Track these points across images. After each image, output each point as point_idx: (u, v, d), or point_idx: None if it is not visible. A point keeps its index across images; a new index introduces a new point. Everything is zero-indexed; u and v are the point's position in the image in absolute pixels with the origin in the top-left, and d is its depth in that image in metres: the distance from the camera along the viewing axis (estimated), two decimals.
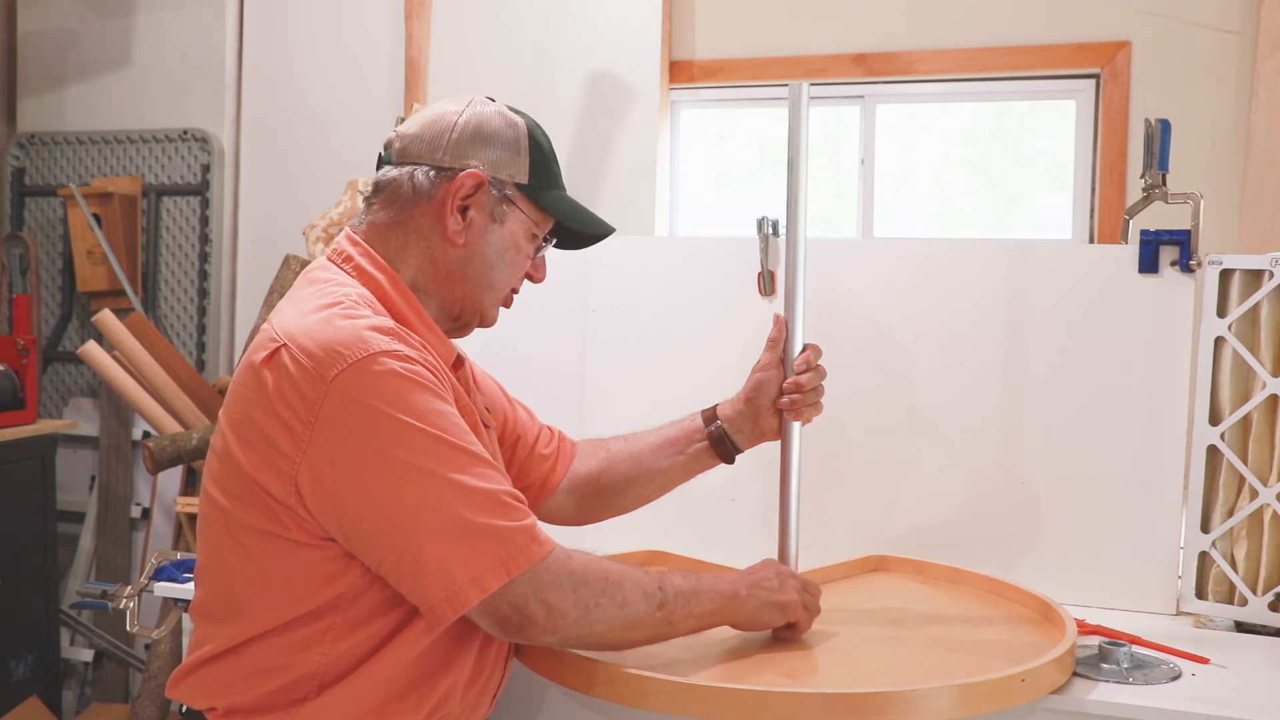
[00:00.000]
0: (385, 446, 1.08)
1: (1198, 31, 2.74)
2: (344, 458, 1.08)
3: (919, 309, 1.77)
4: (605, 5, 3.06)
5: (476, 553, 1.08)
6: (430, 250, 1.25)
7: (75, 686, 3.30)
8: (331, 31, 3.28)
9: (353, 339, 1.10)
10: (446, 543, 1.08)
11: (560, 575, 1.13)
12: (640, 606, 1.19)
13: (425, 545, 1.08)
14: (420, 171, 1.25)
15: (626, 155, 3.04)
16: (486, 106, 1.29)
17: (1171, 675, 1.35)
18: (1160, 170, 1.67)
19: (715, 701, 1.16)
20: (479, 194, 1.25)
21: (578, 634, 1.16)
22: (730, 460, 1.50)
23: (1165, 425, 1.64)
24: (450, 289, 1.27)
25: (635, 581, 1.20)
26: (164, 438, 2.69)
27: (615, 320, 1.92)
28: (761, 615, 1.30)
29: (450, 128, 1.25)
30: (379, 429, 1.08)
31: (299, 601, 1.13)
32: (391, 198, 1.26)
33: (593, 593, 1.15)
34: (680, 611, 1.22)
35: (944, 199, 3.11)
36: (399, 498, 1.08)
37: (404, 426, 1.08)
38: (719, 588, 1.27)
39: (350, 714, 1.13)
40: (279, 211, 3.30)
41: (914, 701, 1.15)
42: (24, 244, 3.36)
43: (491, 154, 1.25)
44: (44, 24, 3.52)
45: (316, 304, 1.16)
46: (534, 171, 1.28)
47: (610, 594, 1.16)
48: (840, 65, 3.00)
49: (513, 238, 1.28)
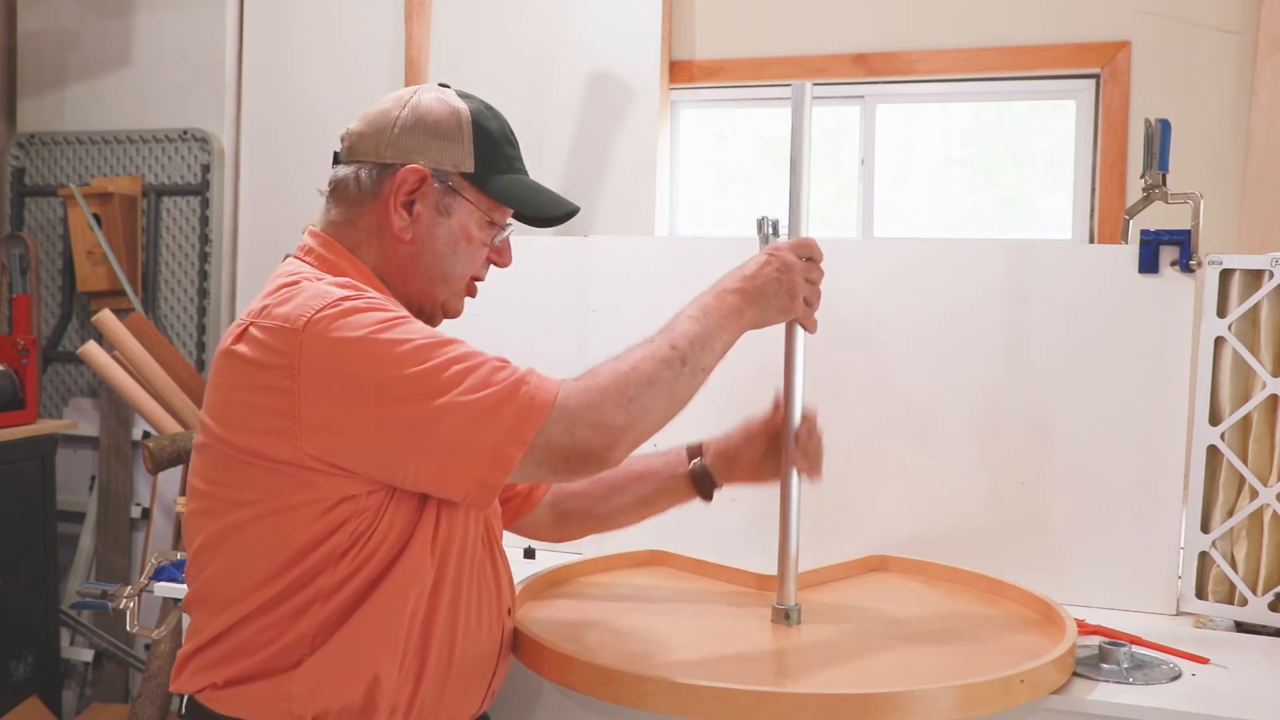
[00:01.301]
0: (371, 370, 1.10)
1: (1198, 31, 2.74)
2: (338, 395, 1.10)
3: (919, 309, 1.77)
4: (605, 5, 3.06)
5: (491, 424, 1.10)
6: (382, 247, 1.26)
7: (75, 686, 3.30)
8: (331, 31, 3.28)
9: (313, 294, 1.14)
10: (462, 431, 1.10)
11: (583, 395, 1.14)
12: (666, 374, 1.19)
13: (443, 443, 1.10)
14: (364, 170, 1.25)
15: (626, 155, 3.04)
16: (428, 95, 1.28)
17: (1171, 675, 1.35)
18: (1160, 170, 1.67)
19: (714, 702, 1.15)
20: (423, 188, 1.24)
21: (636, 433, 1.17)
22: (708, 498, 1.51)
23: (1165, 425, 1.64)
24: (405, 284, 1.28)
25: (649, 356, 1.20)
26: (164, 438, 2.69)
27: (615, 320, 1.92)
28: (768, 319, 1.32)
29: (392, 123, 1.25)
30: (359, 356, 1.10)
31: (289, 572, 1.14)
32: (342, 197, 1.27)
33: (622, 391, 1.16)
34: (704, 354, 1.23)
35: (944, 199, 3.11)
36: (402, 412, 1.09)
37: (380, 344, 1.10)
38: (725, 311, 1.27)
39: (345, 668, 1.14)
40: (279, 211, 3.30)
41: (914, 702, 1.15)
42: (24, 244, 3.36)
43: (434, 145, 1.25)
44: (44, 24, 3.52)
45: (273, 287, 1.20)
46: (480, 159, 1.26)
47: (636, 382, 1.17)
48: (840, 65, 3.00)
49: (463, 229, 1.27)
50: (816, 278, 1.36)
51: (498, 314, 1.34)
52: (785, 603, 1.44)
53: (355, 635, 1.14)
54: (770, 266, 1.31)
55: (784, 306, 1.32)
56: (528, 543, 1.92)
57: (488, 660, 1.27)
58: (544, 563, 1.76)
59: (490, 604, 1.28)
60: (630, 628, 1.42)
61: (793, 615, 1.43)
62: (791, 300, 1.32)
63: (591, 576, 1.66)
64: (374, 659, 1.15)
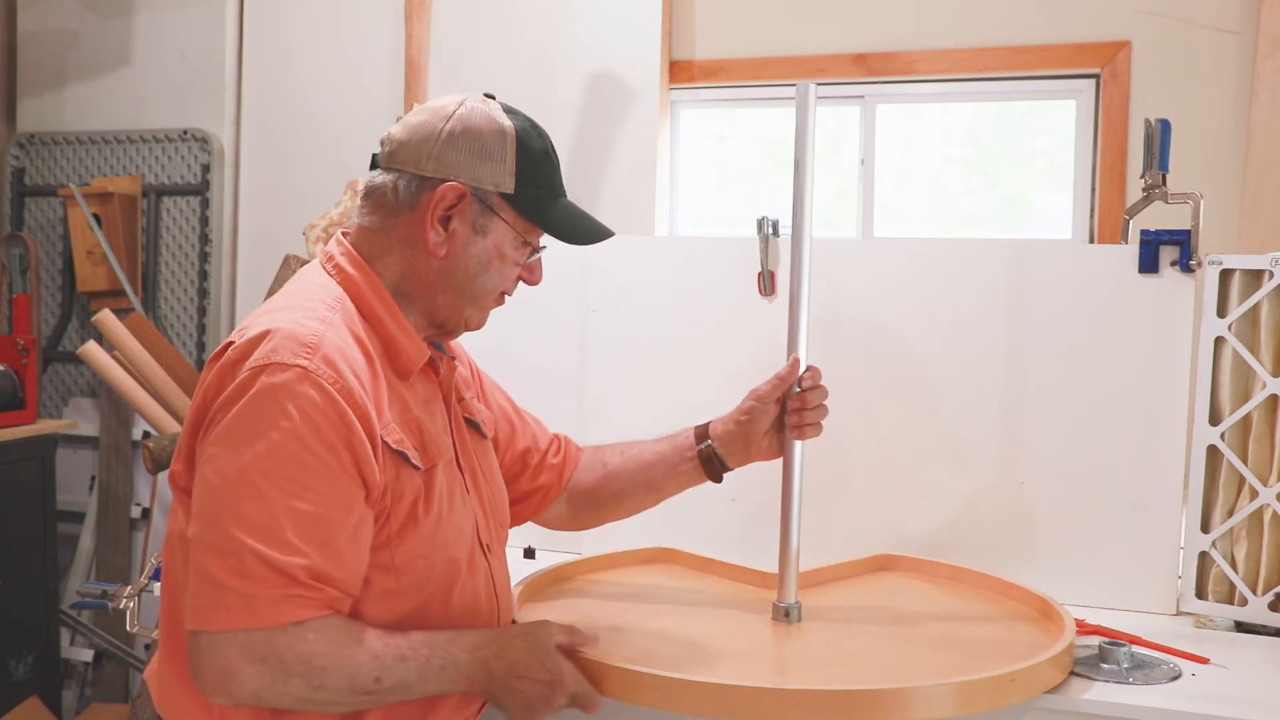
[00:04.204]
0: (248, 444, 1.08)
1: (1198, 31, 2.74)
2: (219, 432, 1.09)
3: (918, 309, 1.77)
4: (605, 5, 3.06)
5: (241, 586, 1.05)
6: (412, 259, 1.25)
7: (75, 686, 3.29)
8: (331, 31, 3.28)
9: (283, 340, 1.11)
10: (227, 560, 1.06)
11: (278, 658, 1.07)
12: (345, 700, 1.11)
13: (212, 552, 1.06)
14: (404, 180, 1.24)
15: (626, 155, 3.04)
16: (476, 109, 1.25)
17: (1171, 675, 1.35)
18: (1160, 170, 1.67)
19: (711, 697, 1.16)
20: (461, 205, 1.23)
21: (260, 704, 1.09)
22: (718, 479, 1.50)
23: (1165, 425, 1.64)
24: (432, 297, 1.26)
25: (352, 673, 1.10)
26: (164, 438, 2.68)
27: (615, 320, 1.92)
28: (494, 700, 1.22)
29: (435, 135, 1.23)
30: (253, 428, 1.08)
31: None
32: (378, 204, 1.26)
33: (286, 673, 1.07)
34: (393, 696, 1.13)
35: (944, 199, 3.11)
36: (228, 491, 1.07)
37: (272, 444, 1.07)
38: (455, 677, 1.17)
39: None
40: (279, 211, 3.30)
41: (910, 699, 1.15)
42: (24, 244, 3.36)
43: (475, 162, 1.23)
44: (44, 24, 3.52)
45: (275, 305, 1.19)
46: (521, 179, 1.25)
47: (309, 678, 1.08)
48: (840, 65, 3.00)
49: (497, 248, 1.26)
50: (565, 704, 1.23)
51: (498, 314, 1.34)
52: (785, 600, 1.44)
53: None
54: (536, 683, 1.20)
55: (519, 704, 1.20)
56: (527, 542, 1.93)
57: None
58: (544, 562, 1.76)
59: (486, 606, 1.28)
60: (630, 625, 1.43)
61: (793, 613, 1.44)
62: (525, 711, 1.21)
63: (595, 575, 1.66)
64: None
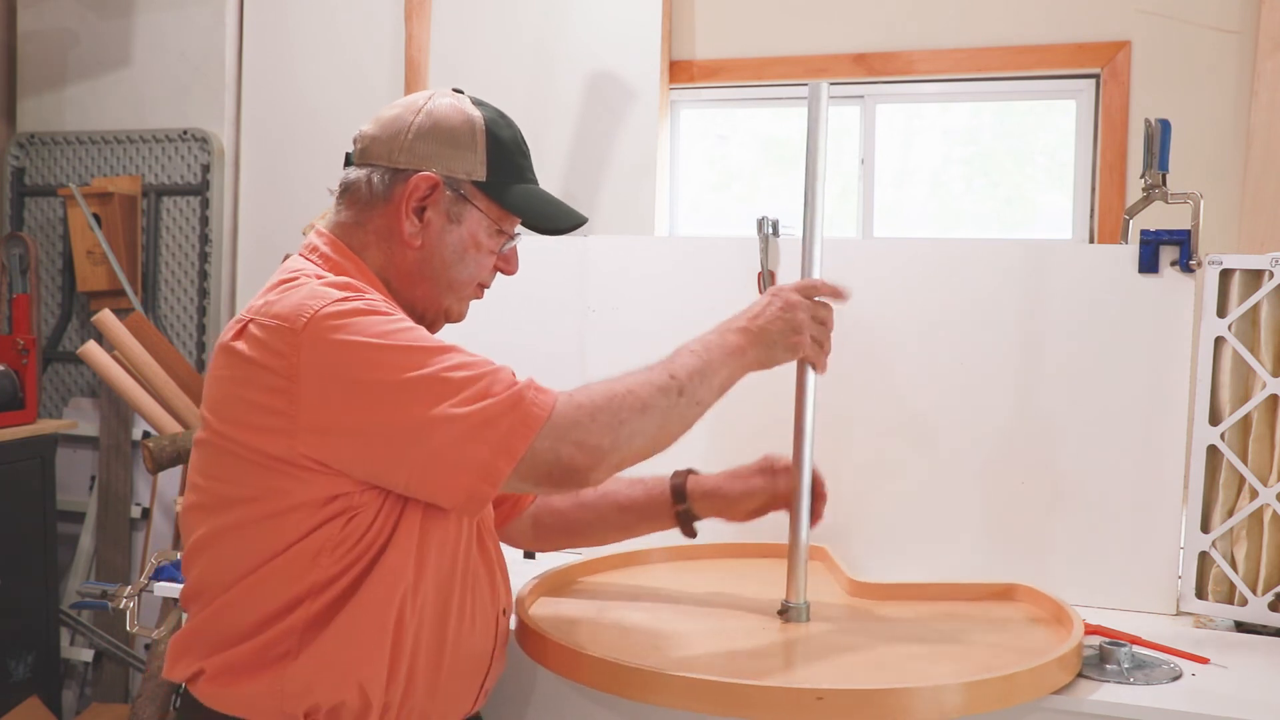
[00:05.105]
0: (369, 374, 1.10)
1: (1198, 31, 2.74)
2: (335, 397, 1.11)
3: (918, 309, 1.77)
4: (605, 5, 3.06)
5: (485, 437, 1.10)
6: (390, 252, 1.27)
7: (75, 686, 3.29)
8: (331, 31, 3.28)
9: (311, 293, 1.14)
10: (455, 442, 1.10)
11: (574, 413, 1.14)
12: (661, 402, 1.19)
13: (436, 452, 1.10)
14: (377, 174, 1.26)
15: (626, 155, 3.04)
16: (443, 101, 1.28)
17: (1172, 675, 1.35)
18: (1160, 170, 1.67)
19: (714, 696, 1.16)
20: (434, 195, 1.25)
21: (620, 456, 1.18)
22: (693, 536, 1.52)
23: (1165, 425, 1.64)
24: (411, 289, 1.28)
25: (646, 382, 1.20)
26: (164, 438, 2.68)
27: (615, 320, 1.92)
28: (773, 359, 1.32)
29: (406, 128, 1.26)
30: (358, 359, 1.10)
31: (279, 566, 1.14)
32: (353, 199, 1.28)
33: (614, 413, 1.16)
34: (702, 388, 1.23)
35: (944, 199, 3.11)
36: (396, 418, 1.10)
37: (379, 348, 1.11)
38: (727, 348, 1.27)
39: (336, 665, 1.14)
40: (279, 211, 3.30)
41: (916, 698, 1.15)
42: (24, 244, 3.36)
43: (447, 152, 1.25)
44: (44, 24, 3.52)
45: (274, 283, 1.21)
46: (492, 167, 1.27)
47: (630, 405, 1.17)
48: (840, 65, 3.00)
49: (472, 237, 1.28)
50: (825, 317, 1.35)
51: (498, 314, 1.34)
52: (794, 600, 1.44)
53: (345, 632, 1.15)
54: (773, 306, 1.32)
55: (790, 345, 1.32)
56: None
57: (481, 660, 1.28)
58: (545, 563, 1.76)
59: (484, 604, 1.28)
60: (636, 623, 1.43)
61: (801, 613, 1.43)
62: (797, 339, 1.31)
63: (601, 574, 1.66)
64: (364, 656, 1.15)
